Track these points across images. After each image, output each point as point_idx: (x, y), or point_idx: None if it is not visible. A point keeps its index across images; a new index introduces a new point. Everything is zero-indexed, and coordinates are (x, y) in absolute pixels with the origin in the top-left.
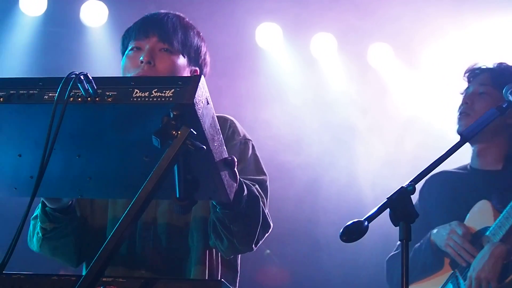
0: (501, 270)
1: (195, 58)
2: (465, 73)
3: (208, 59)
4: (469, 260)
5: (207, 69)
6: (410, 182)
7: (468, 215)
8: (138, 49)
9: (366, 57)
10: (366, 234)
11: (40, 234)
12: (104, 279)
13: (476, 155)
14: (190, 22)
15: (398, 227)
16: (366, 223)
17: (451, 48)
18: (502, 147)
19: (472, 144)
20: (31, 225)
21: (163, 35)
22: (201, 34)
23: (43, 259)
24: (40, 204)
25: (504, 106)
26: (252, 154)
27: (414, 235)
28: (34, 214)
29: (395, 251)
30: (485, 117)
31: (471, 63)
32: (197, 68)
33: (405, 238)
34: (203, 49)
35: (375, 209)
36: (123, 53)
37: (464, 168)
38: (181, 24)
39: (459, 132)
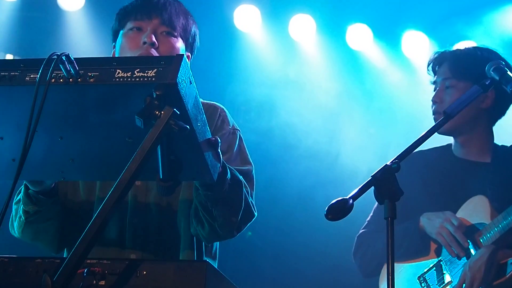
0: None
1: (191, 44)
2: (428, 65)
3: (198, 45)
4: (459, 253)
5: (194, 54)
6: (395, 159)
7: (461, 207)
8: (139, 29)
9: (345, 39)
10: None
11: (23, 218)
12: (88, 261)
13: (460, 146)
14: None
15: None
16: (350, 201)
17: (431, 29)
18: (484, 135)
19: (454, 137)
20: (13, 209)
21: (167, 18)
22: (196, 22)
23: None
24: (22, 187)
25: (487, 83)
26: (239, 144)
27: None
28: (17, 199)
29: (364, 228)
30: (469, 94)
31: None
32: (189, 54)
33: (390, 216)
34: (197, 36)
35: (360, 187)
36: (116, 31)
37: (446, 152)
38: (181, 10)
39: (440, 132)
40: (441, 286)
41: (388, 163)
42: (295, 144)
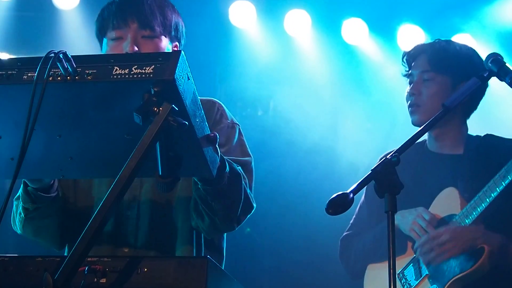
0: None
1: (175, 35)
2: (403, 57)
3: (184, 30)
4: None
5: (183, 41)
6: (394, 153)
7: (433, 201)
8: (119, 38)
9: (340, 33)
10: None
11: (22, 215)
12: (89, 259)
13: (434, 140)
14: None
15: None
16: (351, 195)
17: (427, 23)
18: (459, 128)
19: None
20: (14, 206)
21: (143, 21)
22: (175, 7)
23: (26, 242)
24: (22, 184)
25: (485, 75)
26: (238, 138)
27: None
28: (17, 195)
29: (348, 231)
30: (467, 86)
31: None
32: (177, 43)
33: (391, 209)
34: (181, 24)
35: (360, 181)
36: (99, 39)
37: (420, 148)
38: (157, 4)
39: (414, 124)
40: (419, 280)
41: (387, 156)
42: (292, 139)
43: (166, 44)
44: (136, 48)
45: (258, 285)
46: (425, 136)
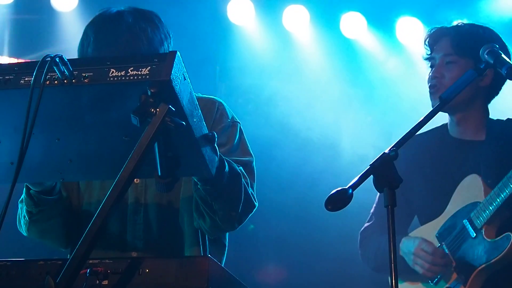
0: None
1: (159, 41)
2: (425, 39)
3: (170, 34)
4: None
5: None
6: (392, 147)
7: (456, 189)
8: None
9: (339, 27)
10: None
11: (27, 218)
12: (90, 261)
13: (456, 124)
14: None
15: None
16: (350, 191)
17: (425, 15)
18: (481, 113)
19: (450, 114)
20: (19, 208)
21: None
22: (153, 22)
23: (28, 245)
24: (24, 188)
25: (481, 66)
26: (239, 136)
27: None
28: (21, 198)
29: (368, 221)
30: (464, 78)
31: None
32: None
33: (390, 204)
34: (164, 38)
35: (359, 176)
36: None
37: (440, 133)
38: (138, 40)
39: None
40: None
41: (386, 150)
42: (293, 134)
43: None
44: None
45: (261, 282)
46: (446, 120)
